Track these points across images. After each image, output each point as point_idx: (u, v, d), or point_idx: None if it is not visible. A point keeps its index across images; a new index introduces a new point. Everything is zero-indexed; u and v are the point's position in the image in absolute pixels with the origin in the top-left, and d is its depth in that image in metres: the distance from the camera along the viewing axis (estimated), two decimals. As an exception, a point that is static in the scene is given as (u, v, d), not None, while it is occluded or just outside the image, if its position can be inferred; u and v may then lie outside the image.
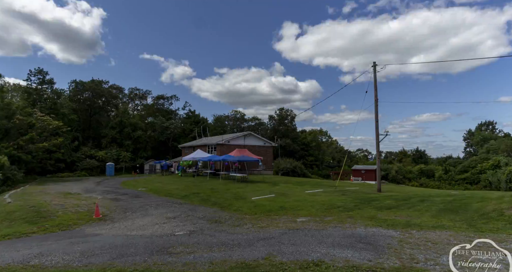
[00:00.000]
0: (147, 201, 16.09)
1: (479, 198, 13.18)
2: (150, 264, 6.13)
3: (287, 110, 65.34)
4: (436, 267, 5.49)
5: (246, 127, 69.03)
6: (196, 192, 18.57)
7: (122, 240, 8.35)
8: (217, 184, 22.74)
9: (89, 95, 52.18)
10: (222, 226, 10.04)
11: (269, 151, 39.60)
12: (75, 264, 6.36)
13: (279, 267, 5.63)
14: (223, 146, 34.73)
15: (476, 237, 7.34)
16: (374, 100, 19.71)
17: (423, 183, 45.37)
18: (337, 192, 17.82)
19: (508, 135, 60.17)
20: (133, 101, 72.80)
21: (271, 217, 11.20)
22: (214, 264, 6.00)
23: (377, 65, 19.86)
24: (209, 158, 29.89)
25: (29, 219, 11.93)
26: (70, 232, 10.00)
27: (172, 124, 57.08)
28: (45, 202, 15.86)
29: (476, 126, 71.61)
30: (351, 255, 6.21)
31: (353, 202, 13.53)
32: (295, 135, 64.05)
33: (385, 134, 20.68)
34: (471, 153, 62.90)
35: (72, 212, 13.32)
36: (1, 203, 16.11)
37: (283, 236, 8.09)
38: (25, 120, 33.05)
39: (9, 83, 51.17)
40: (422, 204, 12.33)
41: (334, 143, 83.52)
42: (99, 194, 19.89)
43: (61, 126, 39.34)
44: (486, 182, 39.13)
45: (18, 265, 6.45)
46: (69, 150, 43.10)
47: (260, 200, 15.02)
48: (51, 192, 20.30)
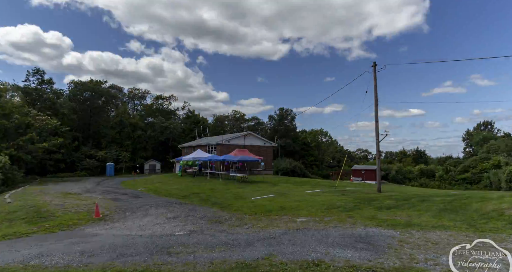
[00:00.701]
0: (147, 201, 16.09)
1: (479, 198, 13.18)
2: (150, 264, 6.13)
3: (287, 110, 65.37)
4: (436, 267, 5.49)
5: (246, 127, 69.03)
6: (196, 192, 18.57)
7: (122, 240, 8.35)
8: (217, 184, 22.74)
9: (89, 95, 52.17)
10: (222, 226, 10.04)
11: (269, 151, 39.60)
12: (75, 264, 6.36)
13: (279, 267, 5.63)
14: (223, 146, 34.73)
15: (476, 237, 7.34)
16: (374, 100, 19.71)
17: (423, 183, 45.36)
18: (337, 192, 17.82)
19: (508, 135, 60.18)
20: (133, 101, 72.82)
21: (271, 217, 11.20)
22: (214, 264, 6.00)
23: (376, 65, 19.86)
24: (209, 158, 29.90)
25: (29, 219, 11.93)
26: (70, 232, 10.00)
27: (171, 124, 57.07)
28: (45, 202, 15.86)
29: (474, 126, 71.75)
30: (351, 255, 6.22)
31: (353, 202, 13.53)
32: (295, 135, 64.05)
33: (385, 134, 20.70)
34: (470, 153, 62.92)
35: (72, 212, 13.32)
36: (1, 203, 16.11)
37: (283, 236, 8.09)
38: (24, 120, 33.02)
39: (8, 83, 51.17)
40: (422, 204, 12.33)
41: (334, 143, 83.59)
42: (99, 194, 19.89)
43: (61, 126, 39.33)
44: (486, 182, 39.14)
45: (18, 265, 6.45)
46: (69, 150, 43.10)
47: (260, 200, 15.02)
48: (51, 192, 20.31)
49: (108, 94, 54.21)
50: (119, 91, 64.16)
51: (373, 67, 19.88)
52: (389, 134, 36.57)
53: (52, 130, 37.67)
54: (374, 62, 19.90)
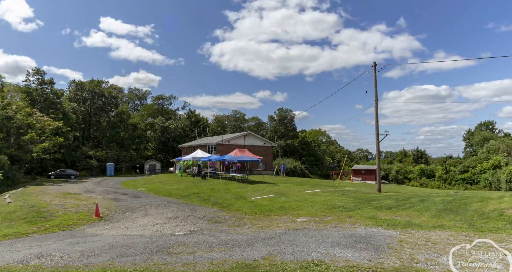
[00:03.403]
0: (147, 201, 16.09)
1: (479, 198, 13.18)
2: (150, 264, 6.13)
3: (286, 110, 65.34)
4: (436, 267, 5.49)
5: (246, 127, 69.03)
6: (196, 192, 18.57)
7: (122, 240, 8.35)
8: (217, 184, 22.73)
9: (89, 95, 52.16)
10: (222, 226, 10.04)
11: (269, 151, 39.59)
12: (75, 264, 6.36)
13: (279, 267, 5.63)
14: (223, 146, 34.73)
15: (476, 237, 7.34)
16: (374, 100, 19.71)
17: (423, 183, 45.33)
18: (337, 192, 17.82)
19: (508, 135, 60.14)
20: (133, 101, 72.84)
21: (271, 217, 11.21)
22: (214, 264, 6.00)
23: (376, 65, 19.86)
24: (209, 158, 29.90)
25: (29, 219, 11.95)
26: (70, 232, 10.00)
27: (172, 124, 57.05)
28: (45, 202, 15.87)
29: (475, 126, 71.70)
30: (351, 255, 6.21)
31: (353, 202, 13.53)
32: (295, 135, 64.02)
33: (385, 134, 20.69)
34: (471, 153, 62.88)
35: (72, 212, 13.33)
36: (1, 203, 16.12)
37: (283, 236, 8.09)
38: (25, 120, 33.05)
39: (9, 83, 51.22)
40: (422, 204, 12.32)
41: (334, 143, 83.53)
42: (99, 194, 19.89)
43: (61, 126, 39.33)
44: (486, 182, 39.11)
45: (18, 265, 6.45)
46: (69, 150, 43.08)
47: (260, 200, 15.02)
48: (51, 192, 20.31)
49: (108, 94, 54.19)
50: (119, 91, 64.22)
51: (373, 67, 19.89)
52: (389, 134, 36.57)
53: (53, 130, 37.68)
54: (374, 62, 19.93)
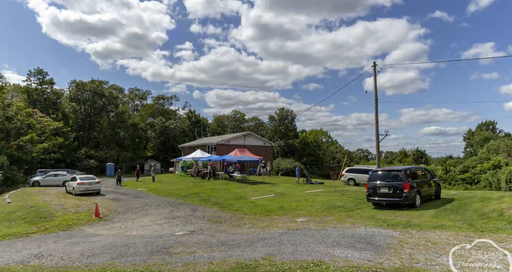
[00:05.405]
0: (147, 201, 16.09)
1: (479, 198, 13.19)
2: (150, 264, 6.13)
3: (287, 110, 65.34)
4: (436, 267, 5.48)
5: (246, 127, 69.03)
6: (196, 192, 18.57)
7: (122, 240, 8.35)
8: (217, 184, 22.73)
9: (89, 95, 52.15)
10: (222, 226, 10.04)
11: (269, 151, 39.57)
12: (75, 264, 6.36)
13: (279, 267, 5.63)
14: (223, 146, 34.72)
15: (476, 237, 7.34)
16: (374, 100, 19.70)
17: (423, 183, 45.29)
18: (337, 192, 17.81)
19: (508, 135, 60.12)
20: (133, 101, 72.83)
21: (271, 217, 11.20)
22: (214, 264, 6.00)
23: (376, 65, 19.85)
24: (209, 158, 29.88)
25: (29, 219, 11.95)
26: (70, 232, 10.00)
27: (172, 124, 57.03)
28: (45, 202, 15.87)
29: (476, 125, 71.69)
30: (351, 255, 6.21)
31: (353, 202, 13.53)
32: (296, 135, 64.01)
33: (385, 134, 20.70)
34: (471, 153, 62.85)
35: (72, 212, 13.33)
36: (1, 203, 16.12)
37: (283, 236, 8.09)
38: (25, 120, 33.05)
39: (9, 84, 51.27)
40: (422, 204, 12.32)
41: (335, 143, 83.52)
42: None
43: (61, 126, 39.33)
44: (486, 182, 39.08)
45: (18, 265, 6.45)
46: (69, 150, 43.07)
47: (260, 200, 15.02)
48: (51, 192, 20.31)
49: (109, 94, 54.19)
50: (120, 91, 64.24)
51: (373, 67, 19.88)
52: (389, 134, 36.59)
53: (53, 130, 37.69)
54: (374, 62, 19.93)
